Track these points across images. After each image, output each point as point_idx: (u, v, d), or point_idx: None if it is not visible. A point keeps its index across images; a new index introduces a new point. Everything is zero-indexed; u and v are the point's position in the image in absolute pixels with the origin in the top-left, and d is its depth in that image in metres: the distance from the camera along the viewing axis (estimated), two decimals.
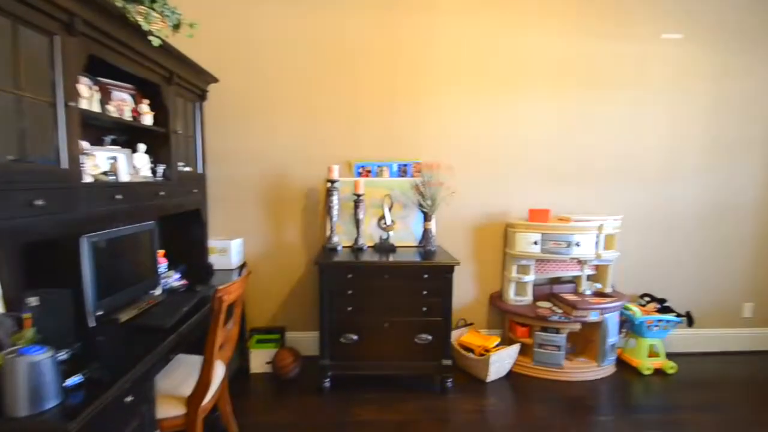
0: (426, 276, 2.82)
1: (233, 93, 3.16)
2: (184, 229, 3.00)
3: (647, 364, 3.13)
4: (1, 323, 1.42)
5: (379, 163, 3.24)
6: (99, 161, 2.06)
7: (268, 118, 3.21)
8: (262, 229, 3.32)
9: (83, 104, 1.78)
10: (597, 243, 3.07)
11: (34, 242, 1.57)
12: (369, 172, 3.23)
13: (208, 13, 3.03)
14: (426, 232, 3.12)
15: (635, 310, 3.16)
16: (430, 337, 2.86)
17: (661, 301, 3.27)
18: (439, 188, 3.06)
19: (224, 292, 1.91)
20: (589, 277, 3.25)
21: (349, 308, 2.85)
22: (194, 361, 2.18)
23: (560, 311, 3.05)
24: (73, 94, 1.63)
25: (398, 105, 3.23)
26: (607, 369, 3.14)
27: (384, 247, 3.11)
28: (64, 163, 1.58)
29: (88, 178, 1.81)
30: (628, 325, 3.23)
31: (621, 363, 3.27)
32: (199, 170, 2.98)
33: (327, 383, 2.88)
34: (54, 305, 1.64)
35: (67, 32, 1.58)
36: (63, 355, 1.50)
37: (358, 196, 3.05)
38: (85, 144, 1.88)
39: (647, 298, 3.35)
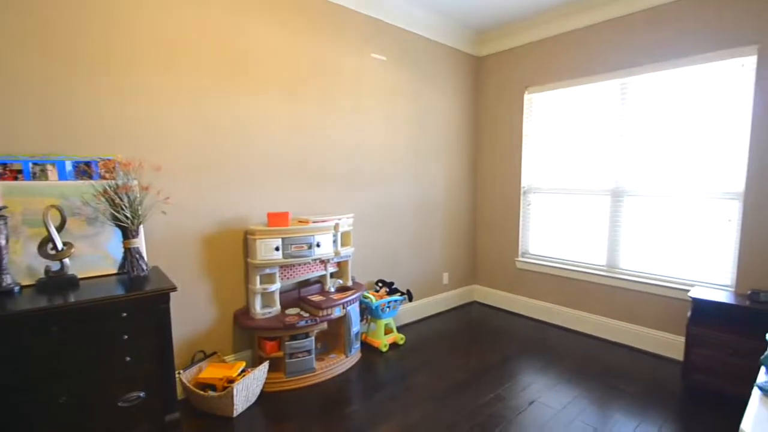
0: (126, 314, 1.58)
1: None
2: None
3: (384, 342, 2.74)
4: None
5: (40, 159, 1.69)
6: None
7: None
8: None
9: None
10: (335, 241, 2.45)
11: None
12: (18, 172, 1.65)
13: None
14: (129, 253, 1.81)
15: (371, 297, 2.73)
16: (142, 394, 1.63)
17: (390, 284, 2.94)
18: (144, 194, 1.83)
19: None
20: (333, 275, 2.61)
21: None
22: None
23: (307, 315, 2.30)
24: None
25: (75, 77, 1.77)
26: (354, 357, 2.57)
27: (56, 284, 1.63)
28: None
29: None
30: (368, 312, 2.79)
31: (365, 346, 2.80)
32: None
33: None
34: None
35: None
36: None
37: None
38: None
39: (380, 284, 2.97)
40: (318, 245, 2.33)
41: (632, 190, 2.85)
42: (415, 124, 3.25)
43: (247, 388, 2.03)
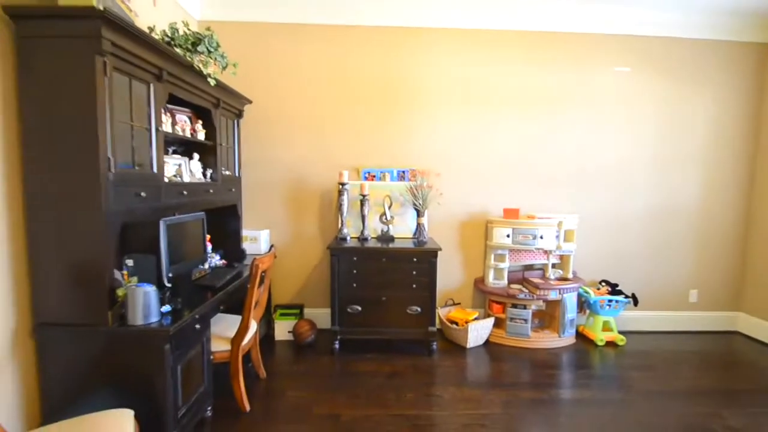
0: (415, 259, 3.47)
1: (264, 112, 3.87)
2: (225, 221, 3.70)
3: (601, 336, 3.71)
4: (114, 278, 2.13)
5: (382, 169, 3.91)
6: (169, 167, 2.78)
7: (291, 132, 3.92)
8: (286, 222, 4.02)
9: (164, 128, 2.49)
10: (558, 236, 3.66)
11: (127, 222, 2.27)
12: (373, 176, 3.91)
13: (245, 50, 3.76)
14: (419, 226, 3.75)
15: (590, 292, 3.74)
16: (419, 309, 3.49)
17: (614, 285, 3.85)
18: (429, 191, 3.70)
19: (260, 260, 2.59)
20: (555, 266, 3.84)
21: (354, 285, 3.51)
22: (235, 319, 2.87)
23: (527, 291, 3.65)
24: (159, 122, 2.34)
25: (398, 122, 3.90)
26: (567, 340, 3.73)
27: (384, 238, 3.75)
28: (155, 169, 2.29)
29: (165, 179, 2.52)
30: (587, 305, 3.81)
31: (581, 337, 3.86)
32: (236, 174, 3.68)
33: (336, 345, 3.54)
34: (143, 266, 2.35)
35: (157, 80, 2.29)
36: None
37: (364, 196, 3.71)
38: None
39: (603, 283, 3.92)
40: (541, 237, 3.60)
41: None
42: (661, 130, 3.96)
43: (477, 331, 3.61)
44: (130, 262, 2.32)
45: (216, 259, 3.43)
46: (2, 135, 1.84)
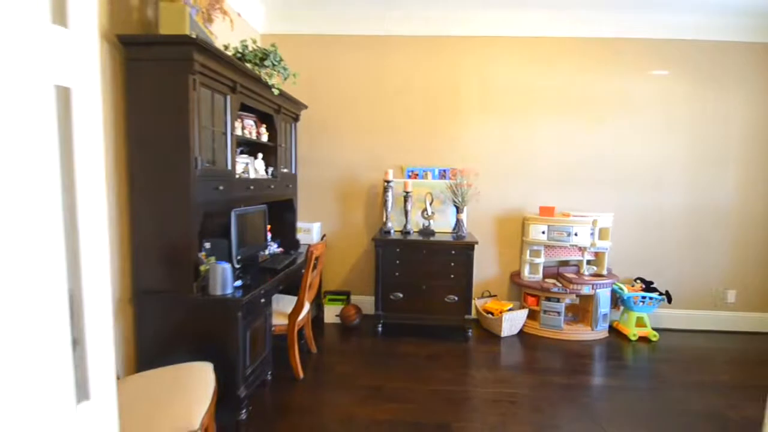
0: (453, 252, 3.69)
1: (317, 115, 4.21)
2: (282, 213, 4.08)
3: (633, 331, 3.76)
4: (197, 256, 2.51)
5: (424, 168, 4.15)
6: (238, 165, 3.16)
7: (342, 134, 4.24)
8: (335, 216, 4.35)
9: (236, 132, 2.86)
10: (592, 234, 3.75)
11: (206, 211, 2.65)
12: (416, 175, 4.15)
13: (301, 59, 4.11)
14: (458, 222, 3.96)
15: (624, 288, 3.80)
16: (456, 298, 3.70)
17: (649, 283, 3.87)
18: (469, 189, 3.90)
19: (314, 247, 2.91)
20: (590, 262, 3.91)
21: (397, 274, 3.77)
22: (291, 298, 3.22)
23: (560, 285, 3.76)
24: (233, 127, 2.71)
25: (440, 126, 4.13)
26: (600, 333, 3.80)
27: (425, 232, 3.99)
28: (229, 167, 2.66)
29: (236, 176, 2.89)
30: (620, 301, 3.86)
31: (615, 332, 3.92)
32: (293, 171, 4.05)
33: (380, 328, 3.82)
34: (218, 248, 2.73)
35: (232, 92, 2.66)
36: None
37: (407, 193, 3.97)
38: None
39: (638, 281, 3.94)
40: (576, 234, 3.70)
41: None
42: (697, 131, 3.96)
43: (511, 321, 3.77)
44: (207, 245, 2.71)
45: (274, 247, 3.80)
46: (113, 139, 2.25)
